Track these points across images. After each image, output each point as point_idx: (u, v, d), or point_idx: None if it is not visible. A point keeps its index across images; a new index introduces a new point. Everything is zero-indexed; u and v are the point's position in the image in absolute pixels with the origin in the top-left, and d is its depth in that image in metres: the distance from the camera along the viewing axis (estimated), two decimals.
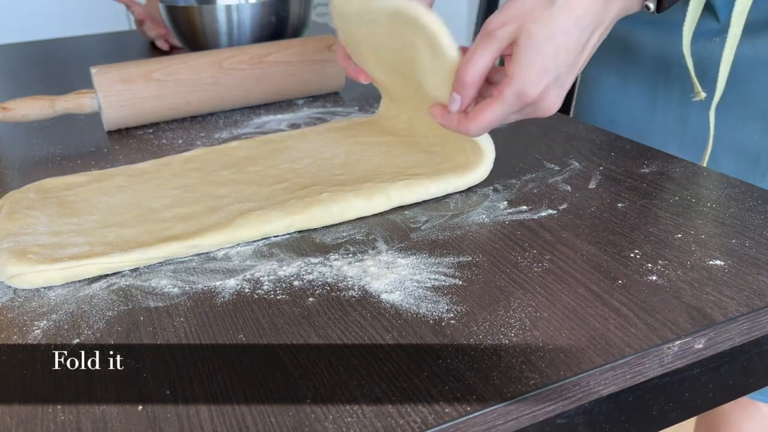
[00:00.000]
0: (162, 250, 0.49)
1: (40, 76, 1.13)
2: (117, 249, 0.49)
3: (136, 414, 0.35)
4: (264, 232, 0.52)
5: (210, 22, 0.99)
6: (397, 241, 0.51)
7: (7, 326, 0.43)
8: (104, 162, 0.70)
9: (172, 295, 0.46)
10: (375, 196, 0.55)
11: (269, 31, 1.02)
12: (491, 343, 0.39)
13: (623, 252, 0.47)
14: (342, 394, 0.36)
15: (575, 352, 0.38)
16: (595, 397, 0.37)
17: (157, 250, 0.49)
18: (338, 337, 0.40)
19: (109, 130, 0.80)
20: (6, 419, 0.36)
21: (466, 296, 0.43)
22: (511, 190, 0.58)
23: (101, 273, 0.48)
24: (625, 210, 0.53)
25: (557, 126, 0.73)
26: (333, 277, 0.47)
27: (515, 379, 0.36)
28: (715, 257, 0.46)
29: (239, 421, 0.34)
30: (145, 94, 0.79)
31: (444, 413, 0.34)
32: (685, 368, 0.40)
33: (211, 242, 0.50)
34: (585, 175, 0.60)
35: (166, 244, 0.49)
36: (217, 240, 0.50)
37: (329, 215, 0.53)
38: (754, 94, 0.68)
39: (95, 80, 0.77)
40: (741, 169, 0.71)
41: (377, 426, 0.33)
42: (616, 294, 0.43)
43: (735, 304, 0.41)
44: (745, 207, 0.53)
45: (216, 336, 0.41)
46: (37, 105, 0.76)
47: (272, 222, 0.52)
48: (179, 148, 0.73)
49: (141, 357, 0.39)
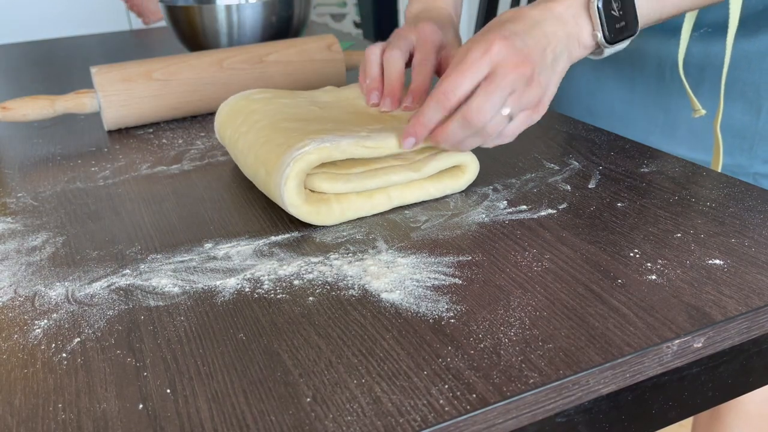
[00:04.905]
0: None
1: (40, 76, 1.14)
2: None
3: (136, 413, 0.35)
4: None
5: (210, 22, 1.00)
6: (397, 241, 0.51)
7: (8, 325, 0.43)
8: (104, 162, 0.71)
9: (172, 295, 0.46)
10: (375, 197, 0.55)
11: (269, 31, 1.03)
12: (491, 342, 0.39)
13: (623, 251, 0.48)
14: (342, 393, 0.36)
15: (575, 350, 0.38)
16: (595, 395, 0.37)
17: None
18: (338, 336, 0.40)
19: (109, 130, 0.80)
20: (7, 418, 0.36)
21: (466, 295, 0.43)
22: (510, 189, 0.58)
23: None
24: (625, 209, 0.54)
25: (557, 126, 0.73)
26: (333, 276, 0.47)
27: (515, 378, 0.36)
28: (715, 257, 0.46)
29: (239, 420, 0.34)
30: (145, 94, 0.79)
31: (444, 412, 0.34)
32: (685, 367, 0.40)
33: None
34: (585, 175, 0.60)
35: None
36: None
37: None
38: (732, 81, 0.73)
39: (95, 80, 0.77)
40: (728, 145, 0.75)
41: (377, 425, 0.33)
42: (615, 293, 0.43)
43: (734, 303, 0.41)
44: (745, 206, 0.53)
45: (216, 335, 0.41)
46: (37, 105, 0.76)
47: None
48: (179, 148, 0.73)
49: (141, 356, 0.40)
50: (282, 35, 1.04)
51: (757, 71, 0.73)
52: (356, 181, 0.54)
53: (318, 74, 0.88)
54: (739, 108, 0.75)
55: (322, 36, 0.90)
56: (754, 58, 0.73)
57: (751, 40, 0.73)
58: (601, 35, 0.54)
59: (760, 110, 0.74)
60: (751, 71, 0.74)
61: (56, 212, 0.59)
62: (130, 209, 0.59)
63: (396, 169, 0.56)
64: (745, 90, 0.74)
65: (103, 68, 0.78)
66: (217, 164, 0.68)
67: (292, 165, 0.52)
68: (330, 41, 0.89)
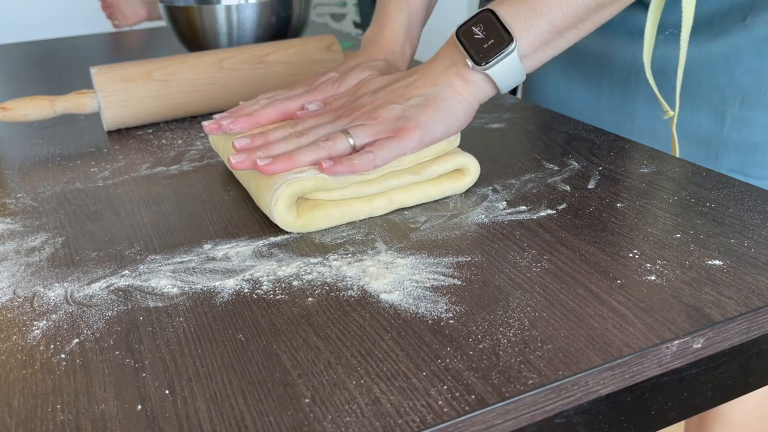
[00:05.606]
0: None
1: (40, 76, 1.14)
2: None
3: (135, 414, 0.35)
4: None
5: (210, 22, 0.99)
6: (397, 241, 0.51)
7: (7, 326, 0.43)
8: (104, 162, 0.71)
9: (171, 295, 0.46)
10: (376, 200, 0.55)
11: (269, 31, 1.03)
12: (490, 342, 0.39)
13: (622, 252, 0.48)
14: (341, 394, 0.36)
15: (574, 351, 0.38)
16: (594, 396, 0.37)
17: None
18: (337, 336, 0.40)
19: (109, 130, 0.80)
20: (5, 419, 0.36)
21: (465, 296, 0.43)
22: (510, 190, 0.58)
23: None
24: (624, 210, 0.53)
25: (557, 126, 0.73)
26: (332, 277, 0.47)
27: (514, 379, 0.36)
28: (714, 257, 0.46)
29: (238, 421, 0.34)
30: (145, 94, 0.79)
31: (443, 413, 0.34)
32: (684, 368, 0.40)
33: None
34: (584, 175, 0.60)
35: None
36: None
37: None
38: (697, 86, 0.74)
39: (95, 80, 0.77)
40: (694, 152, 0.76)
41: (376, 425, 0.33)
42: (614, 294, 0.43)
43: (733, 303, 0.41)
44: (744, 207, 0.53)
45: (215, 336, 0.41)
46: (37, 105, 0.76)
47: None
48: (179, 149, 0.73)
49: (140, 357, 0.40)
50: (282, 35, 1.04)
51: (722, 75, 0.73)
52: (353, 188, 0.54)
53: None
54: (705, 115, 0.75)
55: (322, 36, 0.90)
56: (718, 60, 0.73)
57: (716, 42, 0.73)
58: (470, 60, 0.56)
59: (724, 117, 0.74)
60: (716, 75, 0.73)
61: (55, 213, 0.59)
62: (130, 210, 0.59)
63: (396, 173, 0.55)
64: (710, 95, 0.74)
65: (103, 68, 0.78)
66: (216, 165, 0.68)
67: (284, 187, 0.51)
68: (330, 41, 0.89)
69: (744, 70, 0.71)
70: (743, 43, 0.71)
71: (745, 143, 0.73)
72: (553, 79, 0.89)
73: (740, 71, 0.71)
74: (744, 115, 0.72)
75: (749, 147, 0.73)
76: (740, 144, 0.73)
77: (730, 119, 0.73)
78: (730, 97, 0.73)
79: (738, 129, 0.73)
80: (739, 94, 0.72)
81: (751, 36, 0.70)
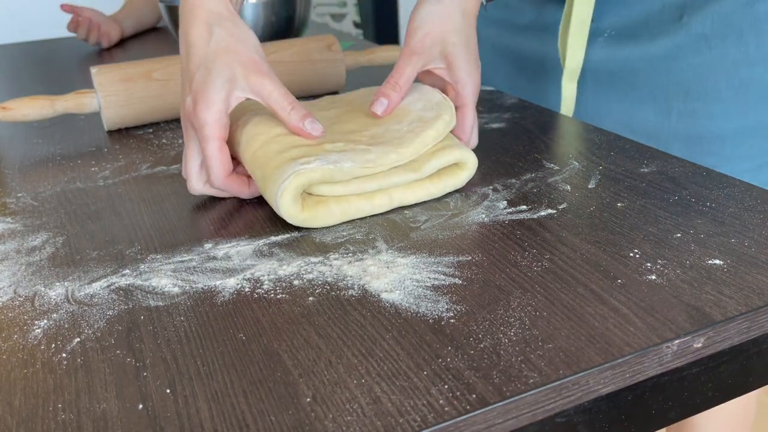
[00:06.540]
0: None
1: (40, 76, 1.14)
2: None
3: (136, 413, 0.35)
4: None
5: None
6: (397, 241, 0.51)
7: (8, 325, 0.43)
8: (104, 162, 0.71)
9: (172, 295, 0.46)
10: (376, 198, 0.55)
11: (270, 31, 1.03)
12: (491, 342, 0.39)
13: (622, 251, 0.48)
14: (342, 393, 0.36)
15: (574, 351, 0.38)
16: (594, 396, 0.37)
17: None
18: (338, 336, 0.40)
19: (109, 130, 0.80)
20: (7, 418, 0.36)
21: (466, 295, 0.43)
22: (510, 189, 0.58)
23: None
24: (625, 209, 0.53)
25: (557, 126, 0.73)
26: (333, 276, 0.47)
27: (514, 378, 0.36)
28: (714, 257, 0.46)
29: (239, 420, 0.34)
30: (145, 94, 0.79)
31: (443, 412, 0.34)
32: (684, 367, 0.40)
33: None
34: (584, 175, 0.60)
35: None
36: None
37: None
38: (641, 84, 0.77)
39: (95, 80, 0.77)
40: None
41: (377, 425, 0.33)
42: (615, 293, 0.43)
43: (734, 303, 0.41)
44: (744, 206, 0.53)
45: (216, 335, 0.41)
46: (37, 105, 0.76)
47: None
48: (179, 148, 0.73)
49: (141, 356, 0.40)
50: (282, 35, 1.04)
51: (664, 73, 0.75)
52: (356, 184, 0.54)
53: (318, 74, 0.88)
54: (650, 110, 0.77)
55: (322, 36, 0.90)
56: (658, 61, 0.75)
57: (655, 43, 0.74)
58: None
59: (670, 111, 0.76)
60: (658, 74, 0.75)
61: (56, 212, 0.59)
62: (130, 209, 0.59)
63: (396, 170, 0.56)
64: (655, 93, 0.76)
65: (103, 68, 0.78)
66: None
67: (292, 178, 0.51)
68: (330, 41, 0.89)
69: (685, 67, 0.73)
70: (682, 41, 0.73)
71: (692, 134, 0.75)
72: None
73: (682, 68, 0.74)
74: (689, 108, 0.75)
75: (695, 138, 0.75)
76: (687, 136, 0.76)
77: (676, 113, 0.75)
78: (674, 93, 0.75)
79: (684, 122, 0.75)
80: (683, 89, 0.74)
81: (689, 34, 0.72)
